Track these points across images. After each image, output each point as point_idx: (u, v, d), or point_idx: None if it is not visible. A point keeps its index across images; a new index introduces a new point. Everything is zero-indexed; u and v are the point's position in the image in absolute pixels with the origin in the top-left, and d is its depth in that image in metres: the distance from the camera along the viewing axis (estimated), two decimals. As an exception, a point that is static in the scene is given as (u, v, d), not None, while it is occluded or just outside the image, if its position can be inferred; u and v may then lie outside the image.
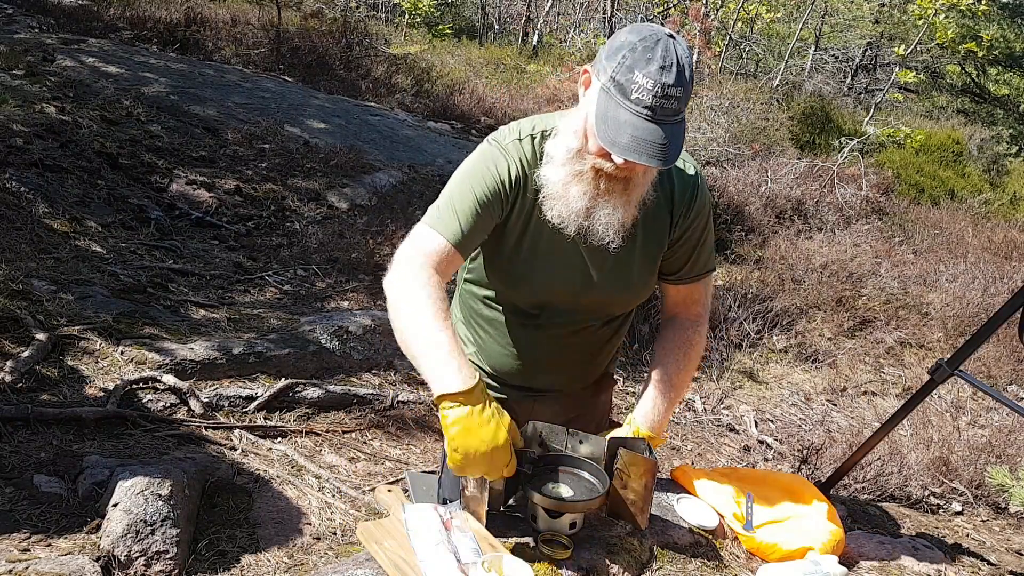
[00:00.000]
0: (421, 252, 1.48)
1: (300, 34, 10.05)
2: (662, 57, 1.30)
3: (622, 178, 1.45)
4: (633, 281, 1.64)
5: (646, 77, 1.30)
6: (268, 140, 6.44)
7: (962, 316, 5.53)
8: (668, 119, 1.33)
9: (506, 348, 1.77)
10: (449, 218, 1.50)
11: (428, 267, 1.46)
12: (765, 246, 6.69)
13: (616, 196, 1.46)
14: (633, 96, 1.31)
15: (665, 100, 1.31)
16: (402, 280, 1.46)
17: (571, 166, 1.46)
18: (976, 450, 3.49)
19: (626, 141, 1.32)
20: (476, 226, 1.50)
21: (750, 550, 1.67)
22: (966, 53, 12.74)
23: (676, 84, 1.31)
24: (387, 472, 2.97)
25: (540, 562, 1.42)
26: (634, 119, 1.32)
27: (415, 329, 1.41)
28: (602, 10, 12.49)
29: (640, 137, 1.31)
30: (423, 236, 1.50)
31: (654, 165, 1.34)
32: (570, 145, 1.46)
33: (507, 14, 17.25)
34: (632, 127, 1.32)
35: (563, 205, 1.48)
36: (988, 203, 10.07)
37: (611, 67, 1.34)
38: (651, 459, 1.51)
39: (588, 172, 1.44)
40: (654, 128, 1.32)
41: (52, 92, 5.89)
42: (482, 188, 1.51)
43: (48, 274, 3.57)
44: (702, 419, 4.00)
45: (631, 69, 1.31)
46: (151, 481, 2.18)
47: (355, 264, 4.79)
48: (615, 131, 1.33)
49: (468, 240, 1.50)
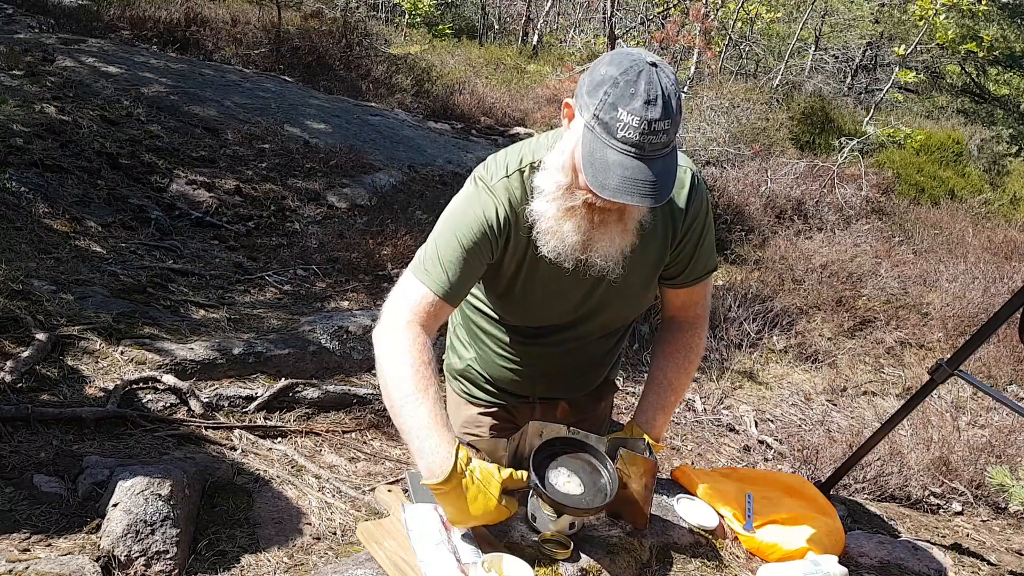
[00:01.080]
0: (407, 307, 1.46)
1: (300, 34, 10.05)
2: (646, 91, 1.24)
3: (616, 209, 1.40)
4: (634, 297, 1.63)
5: (631, 114, 1.24)
6: (268, 140, 6.44)
7: (962, 316, 5.53)
8: (657, 153, 1.28)
9: (506, 361, 1.76)
10: (436, 269, 1.47)
11: (414, 324, 1.45)
12: (765, 246, 6.69)
13: (611, 226, 1.42)
14: (619, 135, 1.26)
15: (653, 136, 1.25)
16: (388, 339, 1.45)
17: (562, 202, 1.40)
18: (976, 450, 3.48)
19: (616, 183, 1.26)
20: (463, 275, 1.47)
21: (750, 550, 1.67)
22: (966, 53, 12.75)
23: (663, 118, 1.25)
24: (387, 472, 2.97)
25: (540, 562, 1.42)
26: (623, 158, 1.26)
27: (398, 403, 1.41)
28: (602, 10, 12.49)
29: (630, 177, 1.26)
30: (410, 288, 1.48)
31: (647, 204, 1.28)
32: (559, 181, 1.40)
33: (507, 14, 17.24)
34: (621, 167, 1.26)
35: (558, 240, 1.43)
36: (988, 203, 10.07)
37: (593, 104, 1.28)
38: (651, 459, 1.51)
39: (580, 207, 1.39)
40: (643, 166, 1.26)
41: (52, 92, 5.89)
42: (469, 236, 1.47)
43: (48, 274, 3.57)
44: (702, 419, 4.00)
45: (614, 106, 1.25)
46: (151, 481, 2.18)
47: (355, 264, 4.79)
48: (604, 173, 1.27)
49: (455, 290, 1.48)
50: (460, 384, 1.87)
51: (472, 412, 1.86)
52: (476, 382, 1.84)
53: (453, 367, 1.89)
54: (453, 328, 1.90)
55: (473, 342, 1.80)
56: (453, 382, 1.90)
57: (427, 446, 1.37)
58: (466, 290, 1.51)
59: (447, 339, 1.95)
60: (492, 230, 1.48)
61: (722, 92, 9.22)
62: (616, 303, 1.62)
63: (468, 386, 1.86)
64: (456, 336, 1.87)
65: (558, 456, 1.51)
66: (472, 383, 1.85)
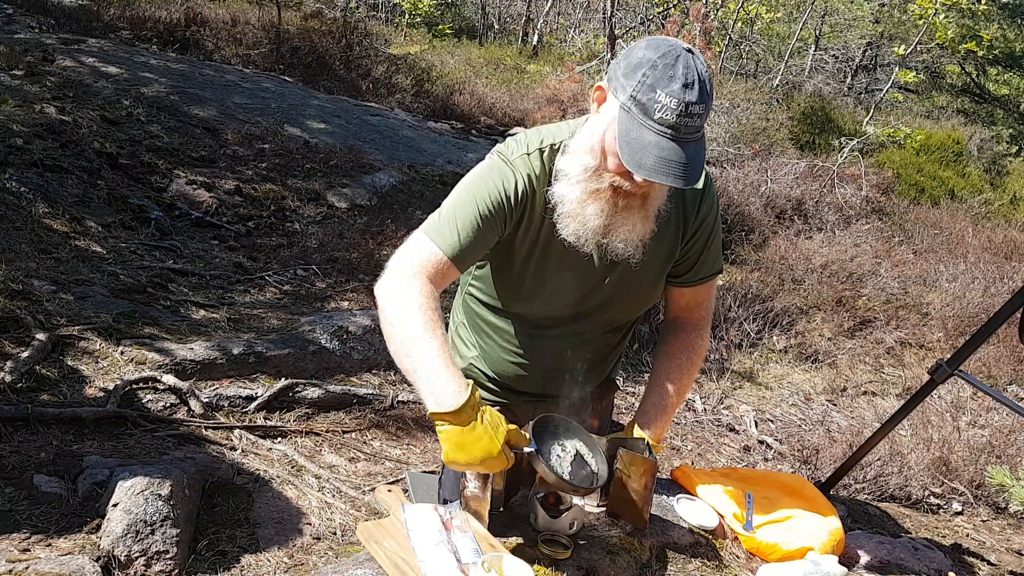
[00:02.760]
0: (415, 261, 1.45)
1: (300, 34, 10.04)
2: (684, 74, 1.28)
3: (640, 194, 1.42)
4: (643, 291, 1.63)
5: (669, 96, 1.28)
6: (268, 140, 6.44)
7: (962, 316, 5.53)
8: (691, 136, 1.31)
9: (510, 355, 1.76)
10: (448, 230, 1.46)
11: (421, 276, 1.43)
12: (765, 246, 6.69)
13: (634, 212, 1.44)
14: (656, 116, 1.29)
15: (688, 118, 1.29)
16: (393, 289, 1.43)
17: (587, 184, 1.42)
18: (976, 450, 3.48)
19: (652, 163, 1.29)
20: (475, 240, 1.47)
21: (750, 550, 1.67)
22: (966, 53, 12.74)
23: (699, 101, 1.29)
24: (387, 472, 2.97)
25: (540, 562, 1.42)
26: (659, 139, 1.29)
27: (405, 342, 1.37)
28: (602, 10, 12.49)
29: (665, 158, 1.29)
30: (419, 245, 1.47)
31: (679, 185, 1.31)
32: (586, 163, 1.42)
33: (507, 14, 17.24)
34: (657, 148, 1.29)
35: (579, 223, 1.45)
36: (988, 203, 10.07)
37: (631, 86, 1.31)
38: (651, 459, 1.51)
39: (606, 190, 1.41)
40: (678, 148, 1.30)
41: (52, 92, 5.89)
42: (486, 202, 1.47)
43: (48, 274, 3.57)
44: (702, 419, 4.00)
45: (653, 88, 1.29)
46: (151, 481, 2.18)
47: (355, 264, 4.78)
48: (640, 152, 1.30)
49: (465, 254, 1.47)
50: None
51: None
52: (478, 380, 1.83)
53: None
54: (455, 328, 1.89)
55: (477, 338, 1.80)
56: None
57: (438, 379, 1.33)
58: (475, 256, 1.50)
59: (448, 338, 1.94)
60: (509, 202, 1.48)
61: (722, 92, 9.22)
62: (624, 296, 1.62)
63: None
64: (458, 335, 1.87)
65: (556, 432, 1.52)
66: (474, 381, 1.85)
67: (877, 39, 15.57)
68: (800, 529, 1.69)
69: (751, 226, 7.01)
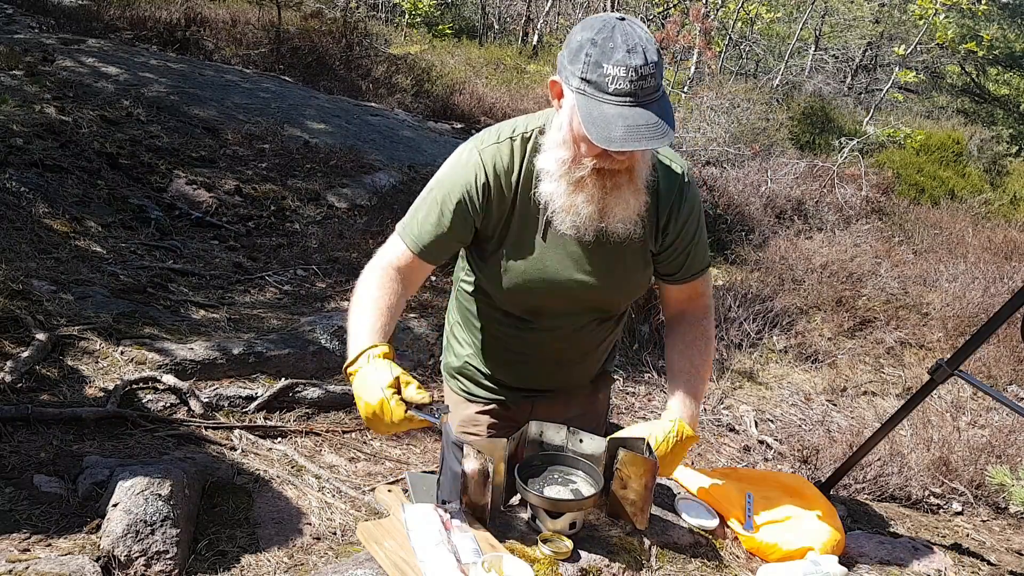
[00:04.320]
0: (385, 260, 1.58)
1: (300, 34, 10.04)
2: (624, 42, 1.30)
3: (625, 169, 1.44)
4: (623, 275, 1.62)
5: (616, 66, 1.30)
6: (268, 140, 6.44)
7: (962, 316, 5.53)
8: (651, 98, 1.32)
9: (503, 351, 1.76)
10: (414, 227, 1.57)
11: (391, 269, 1.56)
12: (765, 246, 6.69)
13: (624, 188, 1.45)
14: (611, 89, 1.31)
15: (642, 81, 1.30)
16: (365, 276, 1.57)
17: (569, 176, 1.44)
18: (976, 450, 3.48)
19: (621, 133, 1.30)
20: (440, 237, 1.55)
21: (750, 550, 1.67)
22: (966, 53, 12.74)
23: (646, 63, 1.30)
24: (387, 472, 2.97)
25: (540, 562, 1.42)
26: (620, 109, 1.31)
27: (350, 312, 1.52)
28: (602, 10, 12.48)
29: (632, 124, 1.30)
30: (391, 244, 1.60)
31: (655, 146, 1.33)
32: (562, 157, 1.44)
33: (507, 14, 17.24)
34: (622, 118, 1.31)
35: (573, 215, 1.46)
36: (988, 203, 10.07)
37: (578, 69, 1.33)
38: (651, 459, 1.51)
39: (589, 176, 1.43)
40: (641, 111, 1.31)
41: (52, 92, 5.89)
42: (450, 200, 1.53)
43: (48, 274, 3.57)
44: (702, 419, 4.00)
45: (599, 64, 1.31)
46: (151, 481, 2.19)
47: (355, 264, 4.78)
48: (606, 127, 1.31)
49: (430, 249, 1.56)
50: (458, 382, 1.87)
51: (471, 411, 1.86)
52: (474, 378, 1.84)
53: (451, 366, 1.89)
54: (450, 327, 1.90)
55: (471, 336, 1.80)
56: (451, 381, 1.90)
57: (351, 341, 1.46)
58: (442, 251, 1.57)
59: (444, 339, 1.95)
60: (473, 194, 1.53)
61: (722, 92, 9.22)
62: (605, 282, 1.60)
63: (466, 383, 1.86)
64: (453, 335, 1.87)
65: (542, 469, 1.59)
66: (470, 380, 1.85)
67: (877, 39, 15.57)
68: (800, 529, 1.69)
69: (751, 226, 7.02)
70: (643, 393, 4.16)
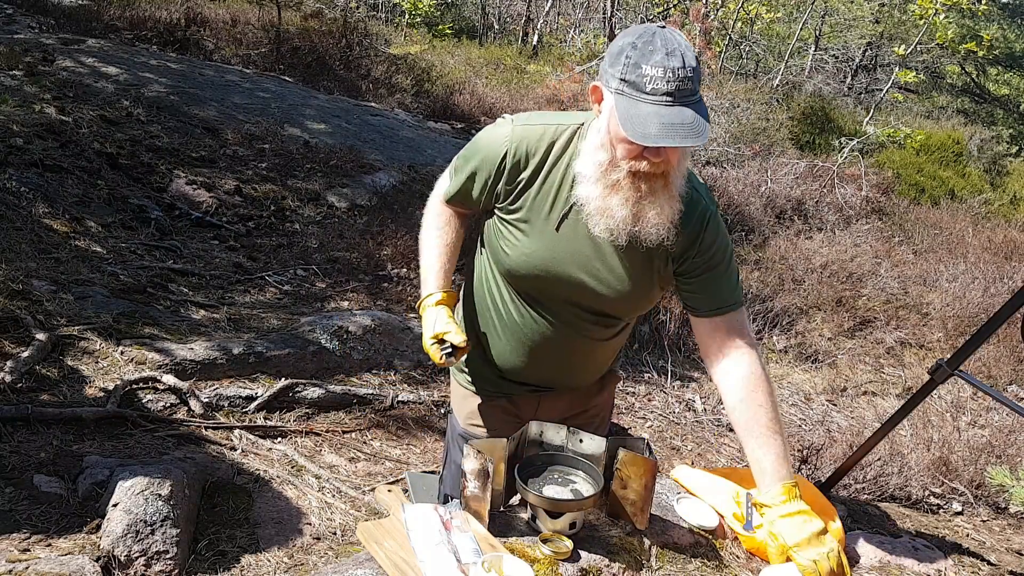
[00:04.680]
0: (437, 192, 1.81)
1: (300, 34, 10.04)
2: (663, 46, 1.36)
3: (660, 174, 1.46)
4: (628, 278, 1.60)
5: (654, 67, 1.35)
6: (268, 140, 6.44)
7: (962, 316, 5.53)
8: (687, 100, 1.37)
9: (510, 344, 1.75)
10: (447, 180, 1.77)
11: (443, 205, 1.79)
12: (765, 246, 6.69)
13: (659, 193, 1.47)
14: (649, 88, 1.36)
15: (680, 83, 1.36)
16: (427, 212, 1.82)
17: (605, 179, 1.47)
18: (976, 450, 3.48)
19: (656, 130, 1.35)
20: (464, 189, 1.70)
21: (750, 550, 1.67)
22: (966, 53, 12.74)
23: (683, 65, 1.36)
24: (387, 472, 2.97)
25: (540, 562, 1.42)
26: (657, 108, 1.36)
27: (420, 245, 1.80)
28: (602, 10, 12.49)
29: (667, 123, 1.35)
30: (440, 184, 1.81)
31: (688, 144, 1.36)
32: (599, 159, 1.47)
33: (507, 14, 17.24)
34: (657, 115, 1.35)
35: (607, 218, 1.49)
36: (988, 203, 10.07)
37: (617, 71, 1.39)
38: (651, 459, 1.51)
39: (625, 179, 1.45)
40: (678, 110, 1.36)
41: (52, 92, 5.89)
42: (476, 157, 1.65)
43: (48, 274, 3.57)
44: (702, 419, 4.00)
45: (638, 65, 1.36)
46: (151, 481, 2.19)
47: (355, 264, 4.79)
48: (642, 124, 1.36)
49: (459, 198, 1.74)
50: (466, 376, 1.87)
51: (476, 405, 1.86)
52: (481, 373, 1.83)
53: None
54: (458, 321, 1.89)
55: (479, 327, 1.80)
56: (459, 375, 1.89)
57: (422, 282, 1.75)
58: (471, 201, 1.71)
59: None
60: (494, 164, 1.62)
61: (722, 92, 9.22)
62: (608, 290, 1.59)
63: (474, 378, 1.85)
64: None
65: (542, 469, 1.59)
66: (477, 374, 1.85)
67: (877, 39, 15.57)
68: (800, 529, 1.68)
69: (751, 226, 7.02)
70: (643, 393, 4.16)
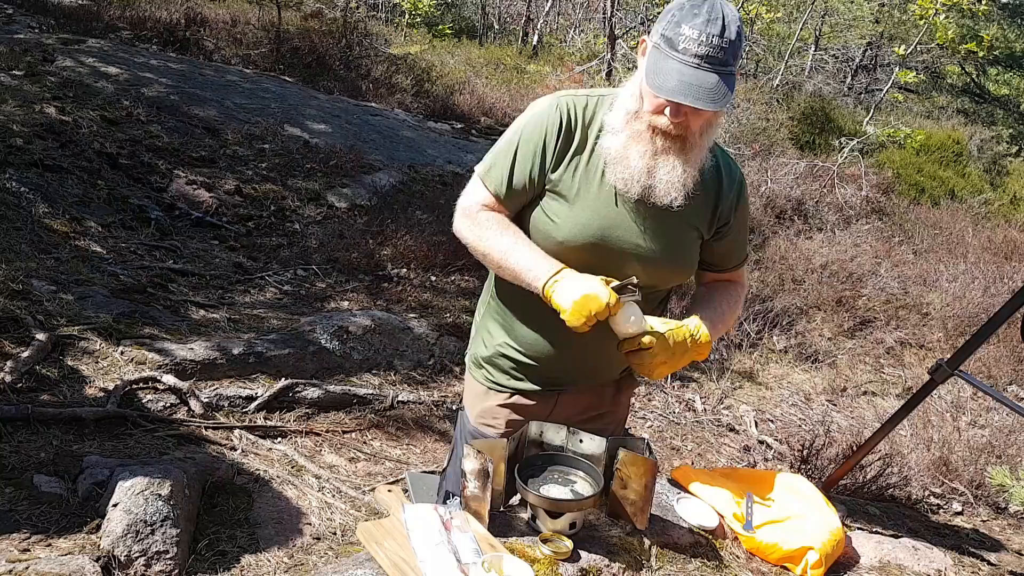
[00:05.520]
0: (474, 201, 1.66)
1: (300, 34, 10.04)
2: (708, 11, 1.41)
3: (678, 136, 1.51)
4: (675, 247, 1.66)
5: (692, 28, 1.41)
6: (268, 140, 6.44)
7: (962, 316, 5.53)
8: (715, 68, 1.41)
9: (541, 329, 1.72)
10: (495, 172, 1.64)
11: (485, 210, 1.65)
12: (765, 246, 6.69)
13: (674, 154, 1.53)
14: (680, 47, 1.42)
15: (711, 49, 1.40)
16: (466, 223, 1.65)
17: (629, 128, 1.53)
18: (976, 450, 3.49)
19: (673, 85, 1.41)
20: (519, 180, 1.62)
21: (750, 550, 1.67)
22: (966, 53, 12.74)
23: (721, 35, 1.40)
24: (387, 472, 2.97)
25: (540, 562, 1.42)
26: (681, 67, 1.41)
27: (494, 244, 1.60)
28: (602, 10, 12.50)
29: (686, 82, 1.40)
30: (475, 187, 1.68)
31: (700, 106, 1.41)
32: (628, 108, 1.54)
33: (507, 14, 17.24)
34: (679, 73, 1.41)
35: (624, 167, 1.54)
36: (988, 203, 10.06)
37: (661, 26, 1.46)
38: (651, 459, 1.51)
39: (646, 132, 1.52)
40: (701, 74, 1.41)
41: (52, 92, 5.89)
42: (529, 142, 1.61)
43: (48, 274, 3.57)
44: (702, 419, 4.00)
45: (679, 24, 1.42)
46: (151, 481, 2.19)
47: (355, 264, 4.79)
48: (663, 78, 1.42)
49: (511, 194, 1.64)
50: (484, 372, 1.84)
51: (492, 403, 1.83)
52: (502, 367, 1.80)
53: (479, 356, 1.85)
54: (481, 317, 1.87)
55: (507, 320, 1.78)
56: (477, 371, 1.86)
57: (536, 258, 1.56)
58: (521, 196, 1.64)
59: (473, 331, 1.92)
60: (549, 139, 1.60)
61: (722, 92, 9.21)
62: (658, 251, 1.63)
63: (493, 372, 1.82)
64: (485, 326, 1.84)
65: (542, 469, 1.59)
66: (498, 369, 1.81)
67: (877, 39, 15.57)
68: (800, 529, 1.69)
69: (751, 226, 7.01)
70: (643, 393, 4.16)
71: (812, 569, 1.63)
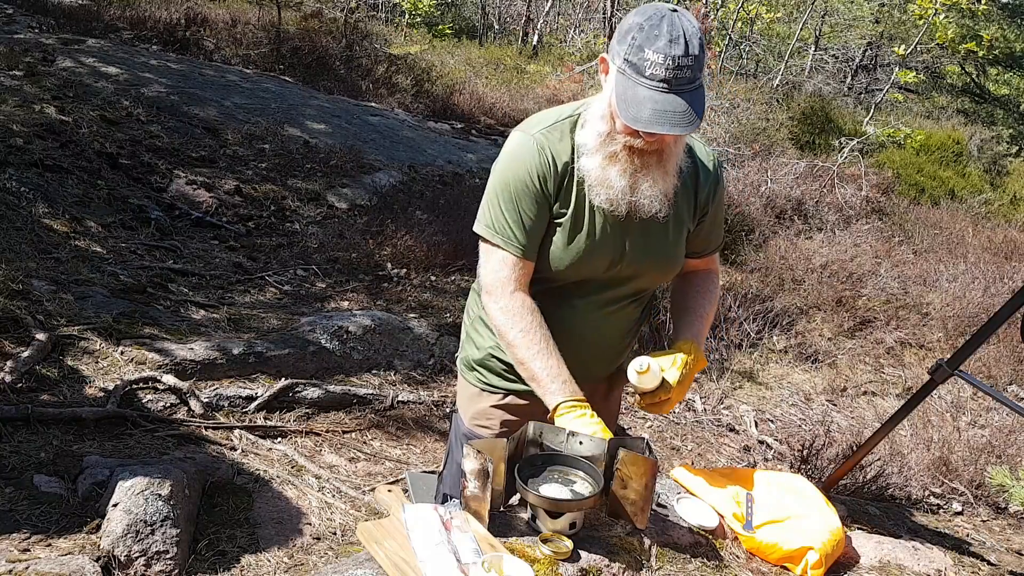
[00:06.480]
0: (506, 277, 1.63)
1: (300, 34, 10.04)
2: (668, 32, 1.39)
3: (655, 151, 1.52)
4: (670, 248, 1.70)
5: (656, 52, 1.39)
6: (268, 140, 6.44)
7: (962, 316, 5.52)
8: (684, 88, 1.41)
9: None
10: (509, 232, 1.61)
11: (519, 291, 1.63)
12: (765, 246, 6.68)
13: (653, 169, 1.54)
14: (647, 72, 1.40)
15: (678, 71, 1.39)
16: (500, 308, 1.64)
17: (604, 149, 1.53)
18: (976, 450, 3.48)
19: (648, 115, 1.40)
20: (531, 228, 1.61)
21: (750, 550, 1.67)
22: (966, 53, 12.74)
23: (685, 54, 1.39)
24: (387, 472, 2.97)
25: (540, 562, 1.42)
26: (652, 93, 1.40)
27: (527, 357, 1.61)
28: (602, 10, 12.50)
29: (660, 109, 1.40)
30: (493, 258, 1.64)
31: (677, 132, 1.41)
32: (600, 130, 1.53)
33: (507, 14, 17.24)
34: (652, 101, 1.40)
35: (606, 188, 1.55)
36: (988, 203, 10.06)
37: (623, 50, 1.44)
38: (651, 459, 1.51)
39: (622, 152, 1.52)
40: (673, 98, 1.40)
41: (52, 92, 5.89)
42: (521, 188, 1.59)
43: (48, 274, 3.57)
44: (702, 419, 4.00)
45: (641, 48, 1.40)
46: (151, 481, 2.19)
47: (355, 264, 4.79)
48: (636, 108, 1.41)
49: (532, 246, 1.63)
50: (477, 374, 1.84)
51: (486, 404, 1.83)
52: (495, 369, 1.81)
53: (470, 359, 1.86)
54: (471, 321, 1.87)
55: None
56: (469, 374, 1.87)
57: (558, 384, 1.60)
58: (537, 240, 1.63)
59: (463, 332, 1.93)
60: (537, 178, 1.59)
61: (722, 92, 9.21)
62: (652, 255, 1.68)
63: (486, 374, 1.83)
64: (475, 328, 1.85)
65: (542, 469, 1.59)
66: (491, 371, 1.82)
67: (877, 39, 15.57)
68: (800, 529, 1.69)
69: (751, 226, 7.01)
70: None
71: (812, 569, 1.63)
